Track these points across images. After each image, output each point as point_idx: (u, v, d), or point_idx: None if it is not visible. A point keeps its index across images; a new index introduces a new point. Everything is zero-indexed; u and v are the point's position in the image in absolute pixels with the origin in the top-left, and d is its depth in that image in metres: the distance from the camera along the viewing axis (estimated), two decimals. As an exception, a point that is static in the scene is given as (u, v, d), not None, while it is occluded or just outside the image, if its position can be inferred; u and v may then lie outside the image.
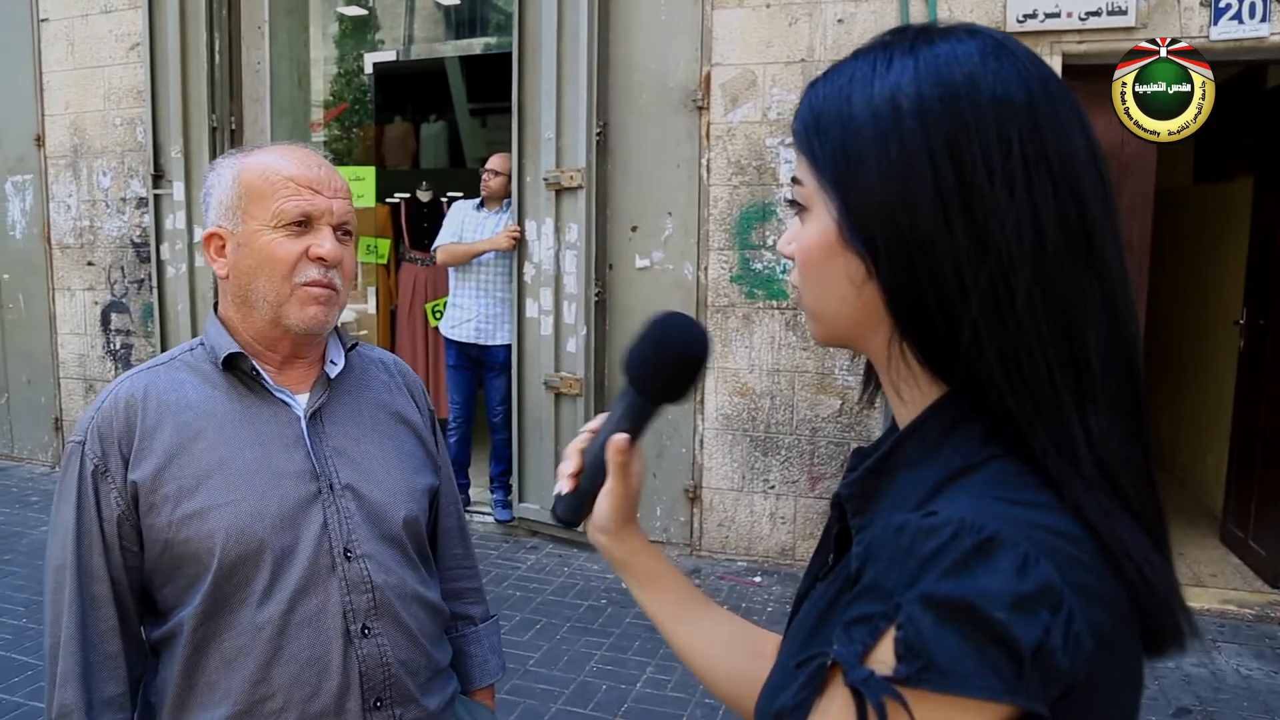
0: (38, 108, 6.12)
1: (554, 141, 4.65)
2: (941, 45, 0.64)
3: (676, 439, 4.75)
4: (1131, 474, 0.62)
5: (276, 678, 1.18)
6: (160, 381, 1.25)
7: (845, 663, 0.56)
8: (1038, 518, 0.56)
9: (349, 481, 1.26)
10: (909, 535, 0.55)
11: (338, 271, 1.26)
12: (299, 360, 1.31)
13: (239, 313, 1.27)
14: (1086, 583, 0.55)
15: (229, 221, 1.25)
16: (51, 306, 6.28)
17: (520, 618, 3.95)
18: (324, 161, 1.29)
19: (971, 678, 0.51)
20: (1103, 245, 0.62)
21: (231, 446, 1.22)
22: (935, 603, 0.52)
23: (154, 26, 5.48)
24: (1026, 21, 3.98)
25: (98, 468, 1.19)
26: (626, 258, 4.76)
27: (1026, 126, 0.60)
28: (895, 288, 0.63)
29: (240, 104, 5.64)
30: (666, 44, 4.58)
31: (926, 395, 0.67)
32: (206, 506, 1.18)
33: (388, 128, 9.67)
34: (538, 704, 3.23)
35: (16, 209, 6.33)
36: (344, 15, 6.29)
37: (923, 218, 0.61)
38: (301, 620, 1.19)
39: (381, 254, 6.07)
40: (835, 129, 0.65)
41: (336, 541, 1.23)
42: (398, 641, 1.25)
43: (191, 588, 1.19)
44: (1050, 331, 0.60)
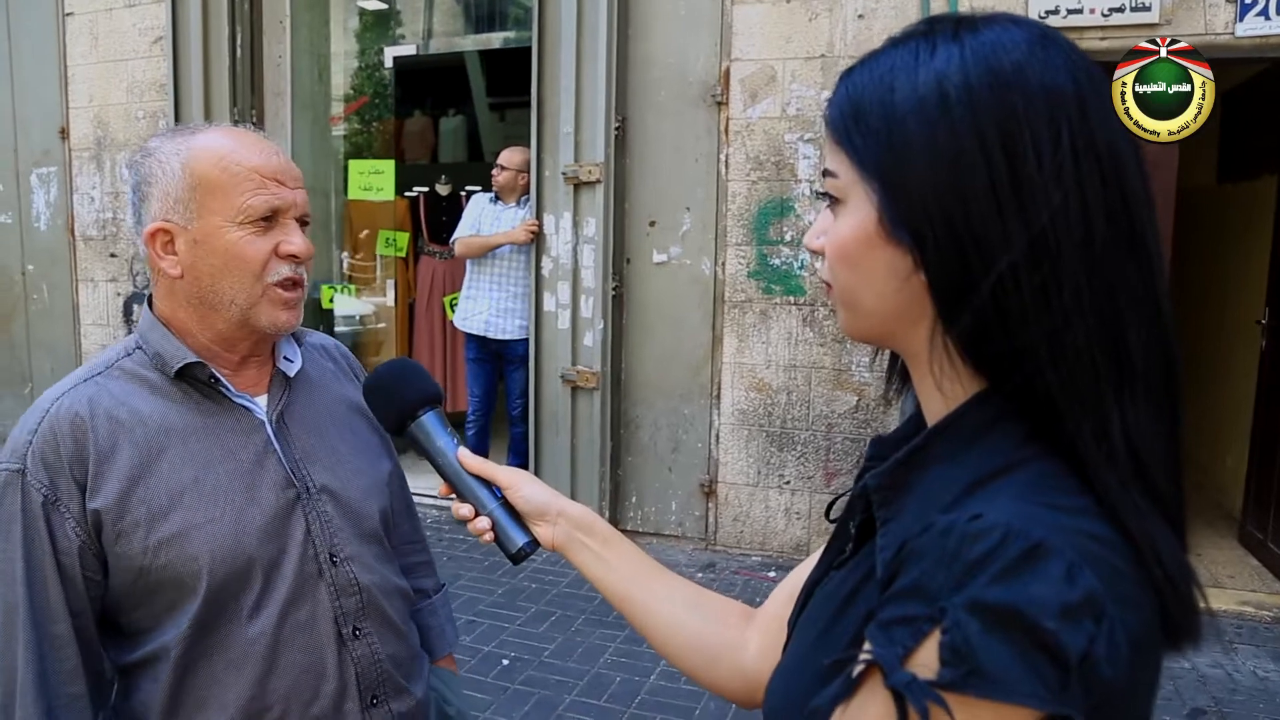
0: (62, 101, 6.19)
1: (572, 136, 4.67)
2: (987, 33, 0.63)
3: (693, 434, 4.76)
4: (1166, 468, 0.62)
5: (273, 689, 1.15)
6: (104, 396, 1.13)
7: (886, 664, 0.55)
8: (1080, 524, 0.56)
9: (324, 484, 1.22)
10: (955, 538, 0.55)
11: (304, 267, 1.20)
12: (253, 359, 1.23)
13: (194, 314, 1.18)
14: (1124, 591, 0.56)
15: (179, 216, 1.14)
16: (75, 297, 6.35)
17: (536, 609, 3.98)
18: (272, 145, 1.21)
19: (1018, 685, 0.51)
20: (1145, 239, 0.62)
21: (200, 462, 1.14)
22: (983, 608, 0.52)
23: (177, 20, 5.53)
24: (1048, 17, 3.95)
25: (47, 498, 1.08)
26: (644, 252, 4.76)
27: (1075, 117, 0.60)
28: (944, 279, 0.62)
29: (261, 98, 5.68)
30: (686, 39, 4.58)
31: (966, 390, 0.66)
32: (185, 528, 1.11)
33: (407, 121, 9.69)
34: (552, 695, 3.24)
35: (41, 201, 6.40)
36: (364, 9, 6.31)
37: (975, 208, 0.60)
38: (294, 630, 1.16)
39: (400, 247, 6.10)
40: (878, 118, 0.64)
41: (321, 547, 1.20)
42: (385, 637, 1.25)
43: (173, 610, 1.13)
44: (1096, 324, 0.60)
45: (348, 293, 6.02)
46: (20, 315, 6.58)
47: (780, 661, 0.76)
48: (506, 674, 3.40)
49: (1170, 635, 0.63)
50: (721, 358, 4.68)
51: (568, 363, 4.81)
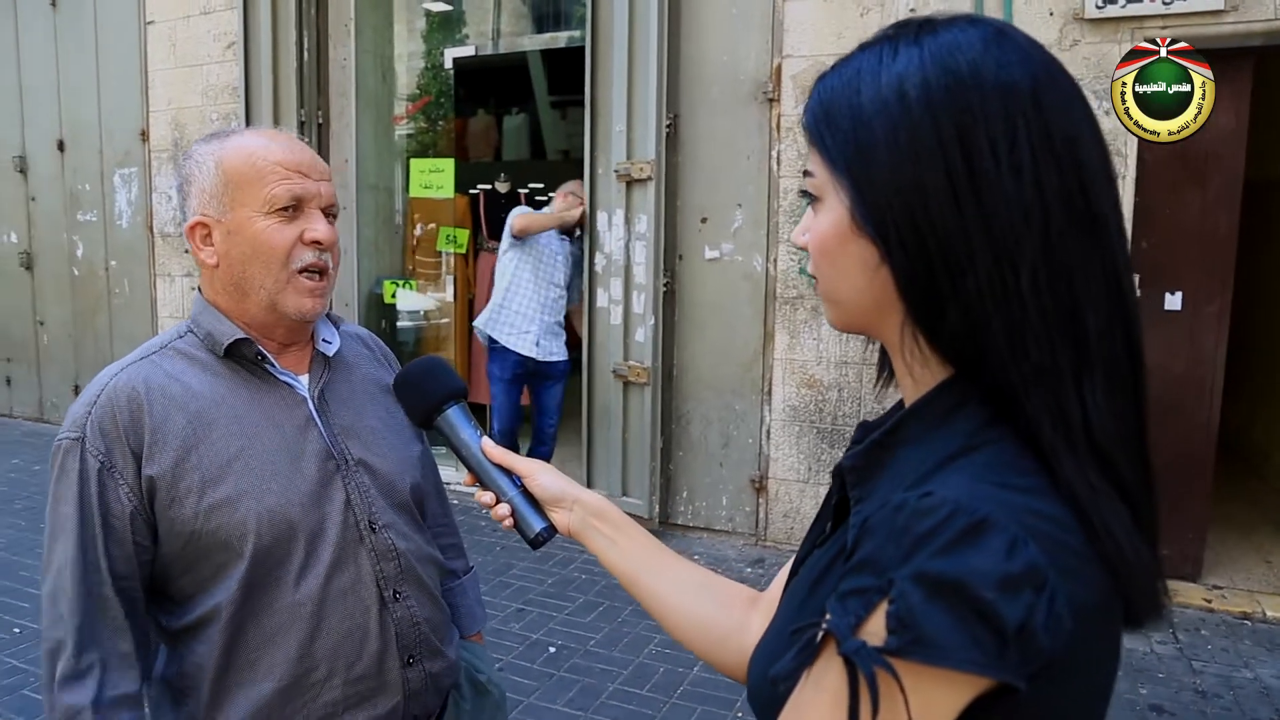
0: (143, 104, 6.47)
1: (624, 134, 4.72)
2: (945, 34, 0.66)
3: (743, 430, 4.78)
4: (1125, 449, 0.64)
5: (319, 649, 1.21)
6: (158, 373, 1.22)
7: (839, 633, 0.58)
8: (1029, 502, 0.59)
9: (361, 457, 1.29)
10: (906, 514, 0.58)
11: (330, 254, 1.27)
12: (293, 345, 1.32)
13: (232, 300, 1.26)
14: (1070, 564, 0.58)
15: (214, 210, 1.23)
16: (153, 291, 6.64)
17: (584, 600, 4.04)
18: (299, 142, 1.28)
19: (957, 651, 0.54)
20: (1106, 226, 0.64)
21: (248, 433, 1.22)
22: (927, 579, 0.55)
23: (248, 26, 5.74)
24: (1106, 7, 3.87)
25: (103, 465, 1.16)
26: (696, 249, 4.80)
27: (1031, 111, 0.62)
28: (907, 271, 0.65)
29: (327, 99, 5.86)
30: (737, 36, 4.60)
31: (936, 376, 0.69)
32: (234, 494, 1.18)
33: (471, 120, 9.87)
34: (596, 683, 3.31)
35: (123, 200, 6.70)
36: (430, 11, 6.45)
37: (933, 202, 0.63)
38: (338, 593, 1.23)
39: (460, 244, 6.22)
40: (845, 120, 0.67)
41: (361, 515, 1.27)
42: (422, 601, 1.32)
43: (220, 574, 1.19)
44: (1053, 309, 0.62)
45: (409, 288, 6.17)
46: (103, 309, 6.90)
47: (761, 637, 0.80)
48: (553, 661, 3.47)
49: (1129, 614, 0.66)
50: (773, 354, 4.69)
51: (619, 358, 4.87)
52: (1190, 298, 4.10)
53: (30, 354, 7.36)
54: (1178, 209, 4.08)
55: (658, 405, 4.79)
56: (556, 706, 3.14)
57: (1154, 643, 3.67)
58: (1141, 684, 3.34)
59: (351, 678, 1.24)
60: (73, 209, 6.95)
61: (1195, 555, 4.22)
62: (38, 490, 5.54)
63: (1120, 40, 3.89)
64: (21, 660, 3.39)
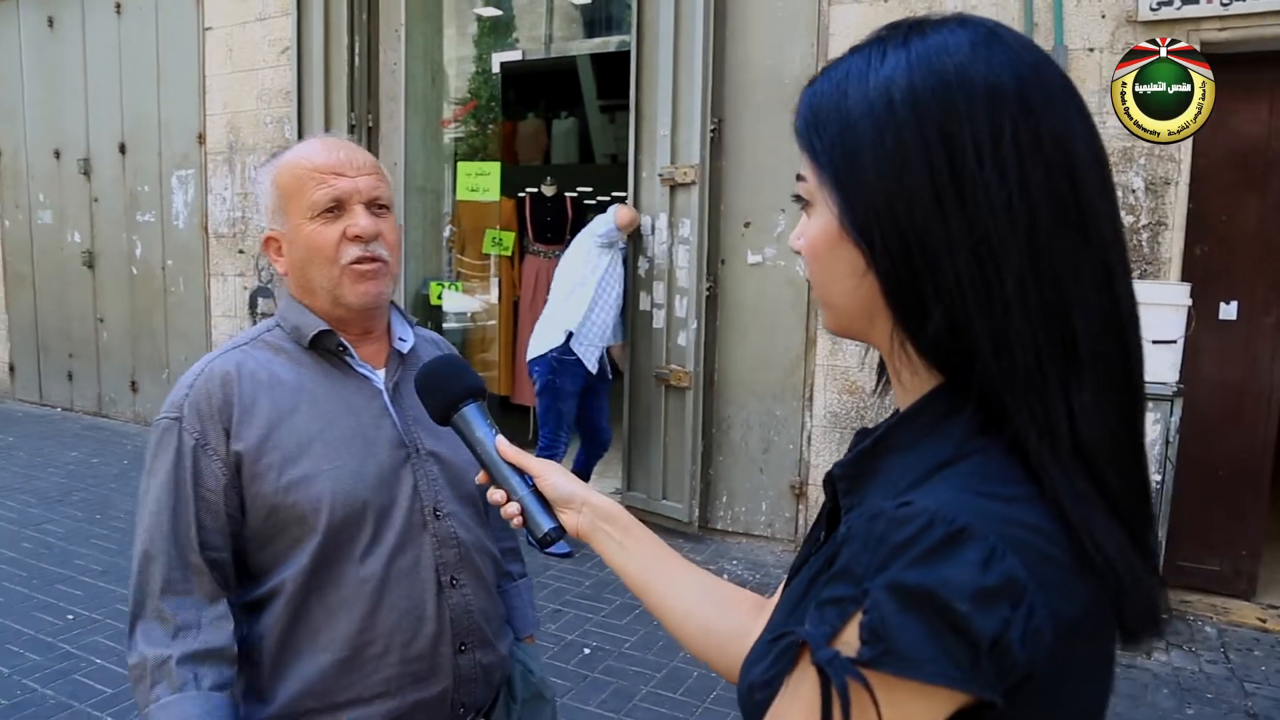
0: (200, 108, 6.64)
1: (669, 138, 4.72)
2: (933, 36, 0.64)
3: (784, 435, 4.75)
4: (1115, 458, 0.62)
5: (379, 625, 1.27)
6: (249, 360, 1.31)
7: (813, 642, 0.58)
8: (1012, 512, 0.58)
9: (431, 449, 1.36)
10: (883, 523, 0.57)
11: (380, 243, 1.32)
12: (369, 336, 1.39)
13: (306, 300, 1.36)
14: (1054, 577, 0.56)
15: (276, 223, 1.33)
16: (207, 290, 6.80)
17: (620, 602, 4.05)
18: (345, 144, 1.34)
19: (928, 664, 0.53)
20: (1099, 227, 0.62)
21: (327, 418, 1.30)
22: (900, 590, 0.54)
23: (302, 32, 5.86)
24: (1161, 9, 3.78)
25: (198, 442, 1.25)
26: (739, 253, 4.78)
27: (1018, 112, 0.61)
28: (892, 277, 0.64)
29: (377, 102, 5.95)
30: (782, 40, 4.58)
31: (926, 382, 0.67)
32: (311, 473, 1.26)
33: (521, 124, 9.96)
34: (629, 685, 3.31)
35: (180, 201, 6.87)
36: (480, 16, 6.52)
37: (918, 207, 0.62)
38: (400, 573, 1.29)
39: (506, 246, 6.28)
40: (833, 124, 0.66)
41: (427, 501, 1.33)
42: (478, 591, 1.37)
43: (295, 548, 1.26)
44: (1039, 314, 0.61)
45: (455, 290, 6.24)
46: (160, 307, 7.08)
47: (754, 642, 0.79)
48: (587, 662, 3.48)
49: (1128, 628, 0.63)
50: (814, 359, 4.66)
51: (661, 361, 4.88)
52: (1246, 307, 3.99)
53: (91, 350, 7.58)
54: (1234, 216, 3.98)
55: (699, 409, 4.78)
56: (589, 708, 3.14)
57: (1204, 662, 3.57)
58: (1189, 704, 3.25)
59: (407, 657, 1.28)
60: (132, 210, 7.15)
61: (1250, 572, 4.10)
62: (95, 483, 5.70)
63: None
64: (74, 646, 3.49)
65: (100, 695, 3.16)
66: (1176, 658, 3.59)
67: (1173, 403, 3.56)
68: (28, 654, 3.43)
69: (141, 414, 7.31)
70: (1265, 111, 3.90)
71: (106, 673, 3.31)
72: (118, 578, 4.18)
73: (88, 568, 4.30)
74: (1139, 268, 3.94)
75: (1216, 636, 3.81)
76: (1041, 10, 4.03)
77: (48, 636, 3.58)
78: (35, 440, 6.80)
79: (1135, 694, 3.29)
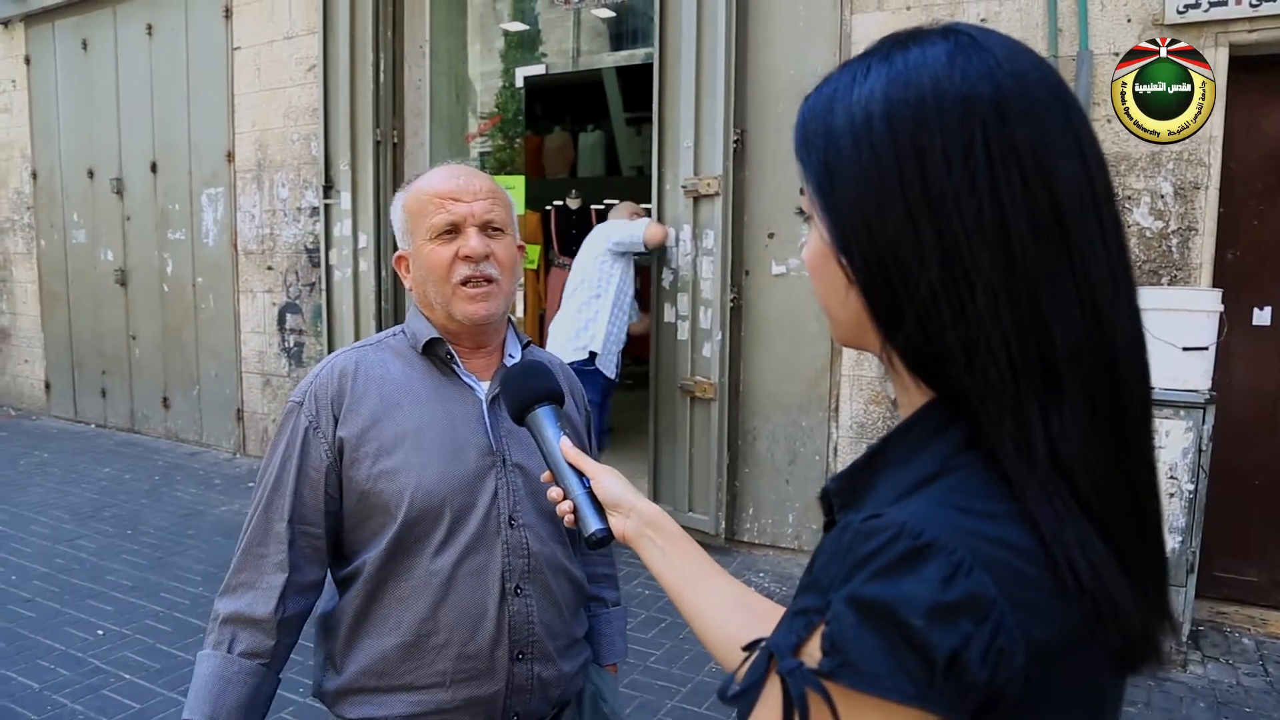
0: (229, 127, 6.74)
1: (692, 149, 4.73)
2: (914, 50, 0.64)
3: (810, 446, 4.72)
4: (1098, 480, 0.60)
5: (442, 618, 1.34)
6: (369, 358, 1.43)
7: (779, 652, 0.58)
8: (989, 528, 0.56)
9: (519, 461, 1.42)
10: (850, 535, 0.57)
11: (491, 263, 1.40)
12: (481, 350, 1.47)
13: (427, 312, 1.46)
14: (1029, 597, 0.55)
15: (405, 244, 1.45)
16: (236, 307, 6.88)
17: (646, 615, 4.03)
18: (465, 170, 1.44)
19: (884, 678, 0.52)
20: (1082, 239, 0.60)
21: (425, 418, 1.39)
22: (859, 603, 0.54)
23: (328, 50, 5.93)
24: (1188, 12, 3.73)
25: (311, 424, 1.37)
26: (763, 264, 4.77)
27: (992, 121, 0.60)
28: (871, 291, 0.64)
29: (402, 119, 6.01)
30: (804, 49, 4.57)
31: (916, 399, 0.67)
32: (401, 466, 1.35)
33: (547, 138, 10.02)
34: (654, 699, 3.29)
35: (210, 218, 6.97)
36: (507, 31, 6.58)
37: (891, 222, 0.61)
38: (468, 572, 1.36)
39: (531, 259, 6.31)
40: (819, 140, 0.67)
41: (504, 509, 1.39)
42: (543, 605, 1.41)
43: (378, 534, 1.36)
44: (1013, 327, 0.59)
45: (480, 303, 6.26)
46: (190, 323, 7.18)
47: None
48: (612, 677, 3.46)
49: (1122, 654, 0.61)
50: (840, 370, 4.63)
51: (686, 373, 4.87)
52: (1280, 312, 3.91)
53: (123, 367, 7.70)
54: (1267, 220, 3.91)
55: (724, 421, 4.76)
56: (614, 722, 3.13)
57: (1241, 675, 3.49)
58: (1226, 718, 3.18)
59: (464, 654, 1.35)
60: (164, 227, 7.26)
61: (1288, 583, 4.01)
62: (127, 499, 5.77)
63: (1203, 46, 3.75)
64: (104, 661, 3.53)
65: (129, 710, 3.18)
66: (1213, 670, 3.52)
67: (1205, 410, 3.50)
68: (58, 669, 3.47)
69: (173, 430, 7.40)
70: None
71: (136, 688, 3.34)
72: (148, 593, 4.23)
73: (118, 583, 4.35)
74: (1169, 273, 3.88)
75: (1255, 649, 3.72)
76: (1066, 15, 3.99)
77: (78, 652, 3.62)
78: (70, 456, 6.90)
79: (1170, 708, 3.23)
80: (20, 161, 8.35)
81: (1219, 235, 3.87)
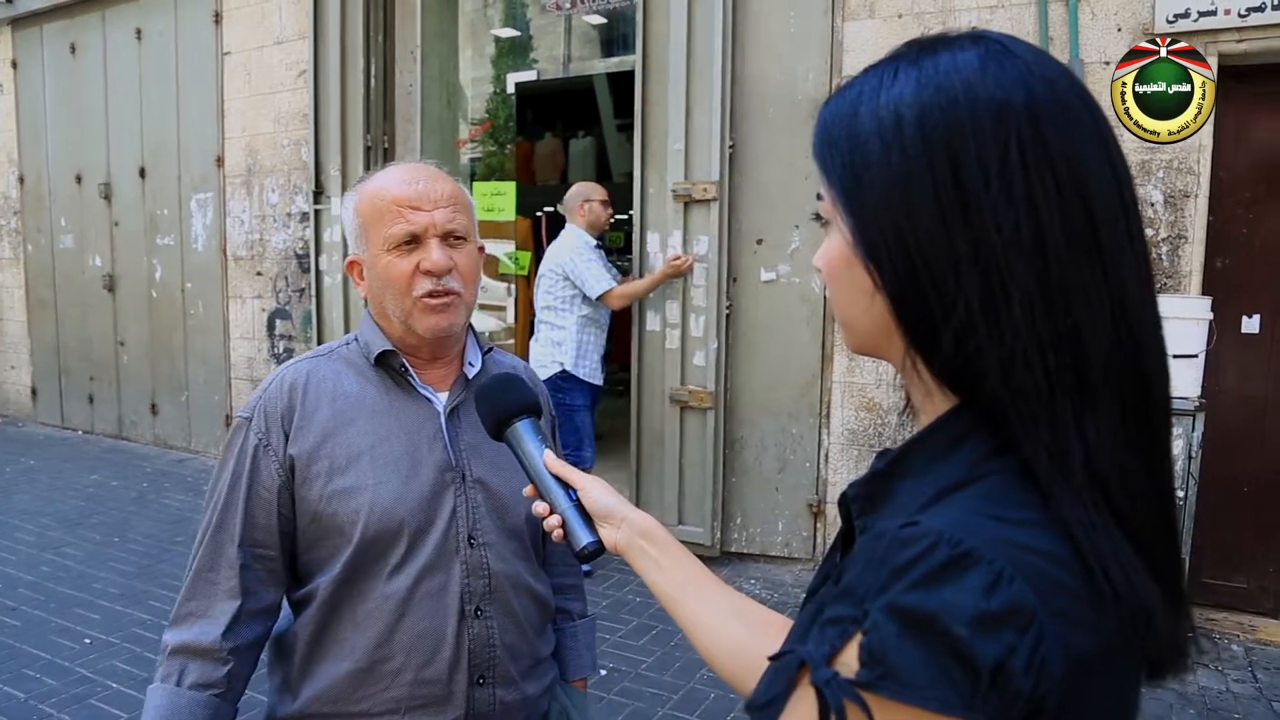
0: (219, 132, 6.71)
1: (682, 153, 4.72)
2: (944, 54, 0.64)
3: (800, 453, 4.72)
4: (1130, 487, 0.60)
5: (397, 642, 1.28)
6: (321, 370, 1.37)
7: (812, 662, 0.57)
8: (1024, 537, 0.56)
9: (480, 476, 1.36)
10: (886, 543, 0.56)
11: (454, 275, 1.33)
12: (439, 360, 1.41)
13: (382, 323, 1.39)
14: (1065, 606, 0.55)
15: (358, 249, 1.37)
16: (225, 313, 6.85)
17: (637, 623, 4.02)
18: (425, 173, 1.35)
19: (928, 689, 0.52)
20: (1113, 247, 0.61)
21: (380, 434, 1.32)
22: (900, 612, 0.53)
23: (318, 55, 5.91)
24: (1178, 21, 3.76)
25: (261, 442, 1.30)
26: (752, 271, 4.76)
27: (1026, 128, 0.60)
28: (900, 298, 0.63)
29: (393, 124, 6.00)
30: (795, 56, 4.58)
31: (939, 406, 0.66)
32: (355, 485, 1.28)
33: (538, 144, 10.00)
34: (646, 707, 3.28)
35: (199, 224, 6.94)
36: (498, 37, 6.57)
37: (923, 227, 0.61)
38: (425, 594, 1.29)
39: (522, 265, 6.29)
40: (844, 143, 0.66)
41: (463, 528, 1.33)
42: (505, 626, 1.34)
43: (333, 557, 1.29)
44: (1049, 336, 0.59)
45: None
46: (179, 329, 7.14)
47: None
48: (604, 684, 3.45)
49: (1150, 662, 0.61)
50: (831, 376, 4.63)
51: (676, 382, 4.84)
52: (1269, 320, 3.94)
53: (111, 373, 7.65)
54: (1256, 228, 3.93)
55: (720, 430, 4.75)
56: (606, 731, 3.12)
57: (1230, 681, 3.50)
58: (1217, 725, 3.19)
59: (421, 679, 1.29)
60: (152, 233, 7.23)
61: (1277, 589, 4.03)
62: (114, 506, 5.73)
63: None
64: (91, 670, 3.50)
65: None
66: (1203, 677, 3.53)
67: (1195, 418, 3.51)
68: (44, 678, 3.44)
69: (161, 436, 7.36)
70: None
71: (123, 698, 3.31)
72: (135, 602, 4.20)
73: (105, 591, 4.32)
74: (1159, 281, 3.89)
75: (1244, 655, 3.73)
76: (1057, 24, 4.01)
77: (65, 661, 3.58)
78: (57, 463, 6.85)
79: (1161, 714, 3.23)
80: (7, 166, 8.30)
81: (1208, 243, 3.89)
